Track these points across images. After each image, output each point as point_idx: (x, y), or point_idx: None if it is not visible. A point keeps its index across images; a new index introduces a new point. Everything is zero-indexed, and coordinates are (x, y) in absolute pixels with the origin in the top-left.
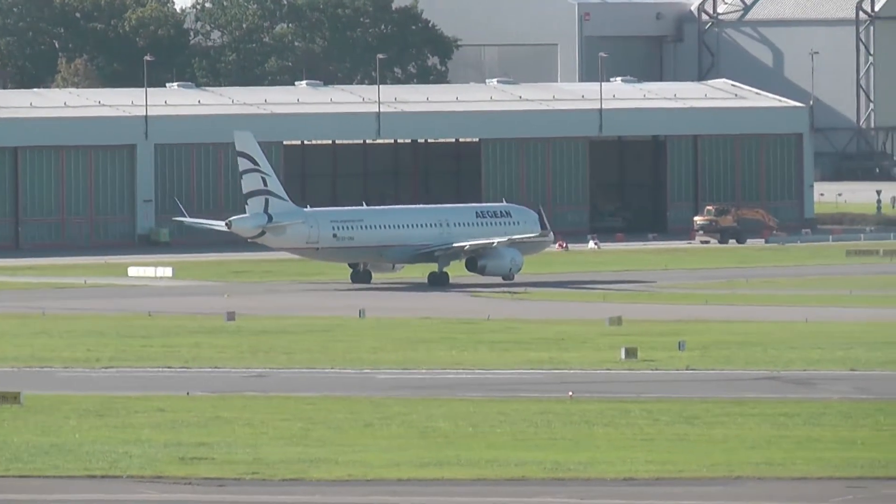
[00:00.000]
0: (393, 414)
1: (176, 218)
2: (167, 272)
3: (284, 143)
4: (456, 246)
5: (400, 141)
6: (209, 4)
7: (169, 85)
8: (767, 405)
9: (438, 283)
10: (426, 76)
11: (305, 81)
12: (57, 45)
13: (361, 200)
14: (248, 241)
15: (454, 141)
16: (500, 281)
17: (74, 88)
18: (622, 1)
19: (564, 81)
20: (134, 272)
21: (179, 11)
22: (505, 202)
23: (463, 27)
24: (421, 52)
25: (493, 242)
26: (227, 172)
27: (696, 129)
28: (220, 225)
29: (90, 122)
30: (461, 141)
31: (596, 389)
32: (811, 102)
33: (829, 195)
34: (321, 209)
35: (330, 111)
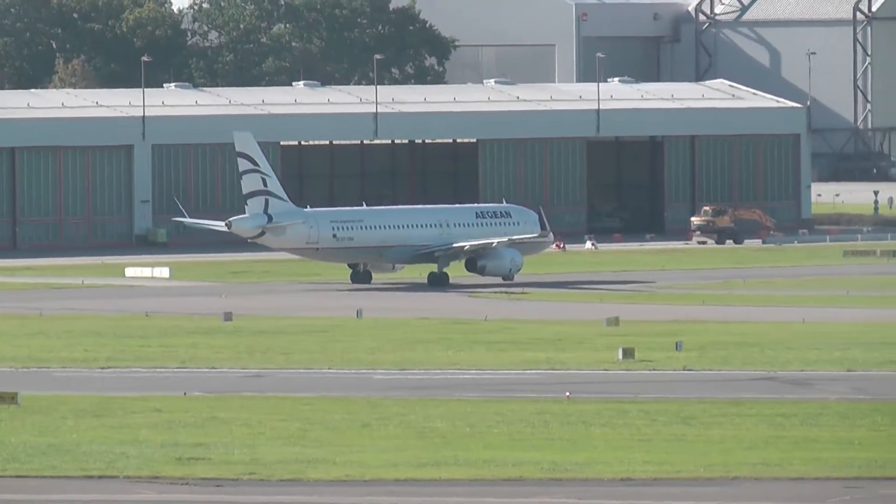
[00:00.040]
0: (390, 414)
1: (176, 218)
2: (164, 272)
3: (282, 143)
4: (456, 246)
5: (397, 141)
6: (206, 5)
7: (166, 85)
8: (765, 405)
9: (438, 283)
10: (423, 77)
11: (303, 82)
12: (54, 45)
13: (360, 201)
14: (248, 241)
15: (451, 141)
16: (499, 281)
17: (72, 89)
18: (619, 1)
19: (562, 82)
20: (131, 272)
21: (177, 12)
22: (505, 202)
23: (460, 28)
24: (418, 52)
25: (492, 243)
26: (224, 173)
27: (693, 129)
28: (220, 225)
29: (87, 122)
30: (459, 141)
31: (593, 390)
32: (808, 103)
33: (826, 196)
34: (321, 209)
35: (327, 111)
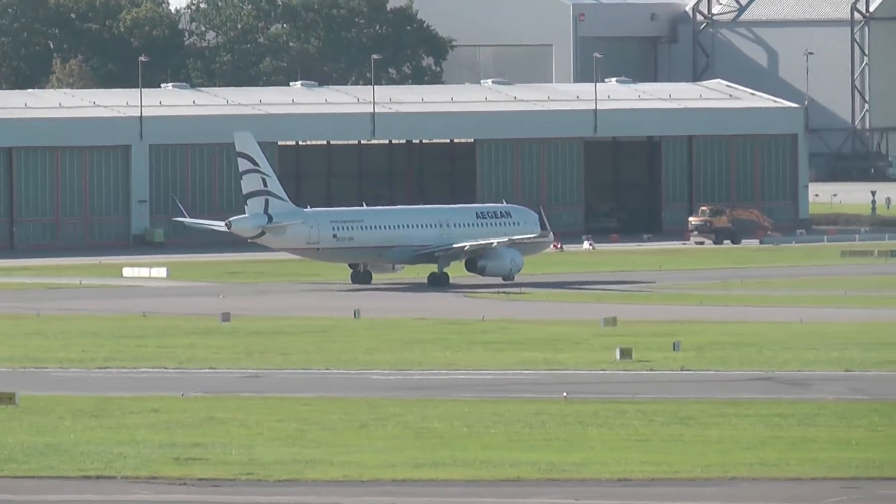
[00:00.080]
0: (388, 415)
1: (176, 218)
2: (162, 273)
3: (279, 143)
4: (456, 247)
5: (395, 141)
6: (204, 5)
7: (164, 85)
8: (762, 406)
9: (438, 283)
10: (421, 77)
11: (300, 82)
12: (52, 45)
13: (358, 201)
14: (248, 241)
15: (449, 141)
16: (498, 281)
17: (69, 89)
18: (617, 1)
19: (559, 82)
20: (128, 273)
21: (174, 12)
22: (505, 203)
23: (458, 28)
24: (416, 52)
25: (493, 243)
26: (221, 173)
27: (690, 129)
28: (220, 225)
29: (85, 122)
30: (456, 141)
31: (591, 390)
32: (806, 103)
33: (823, 196)
34: (321, 209)
35: (325, 112)
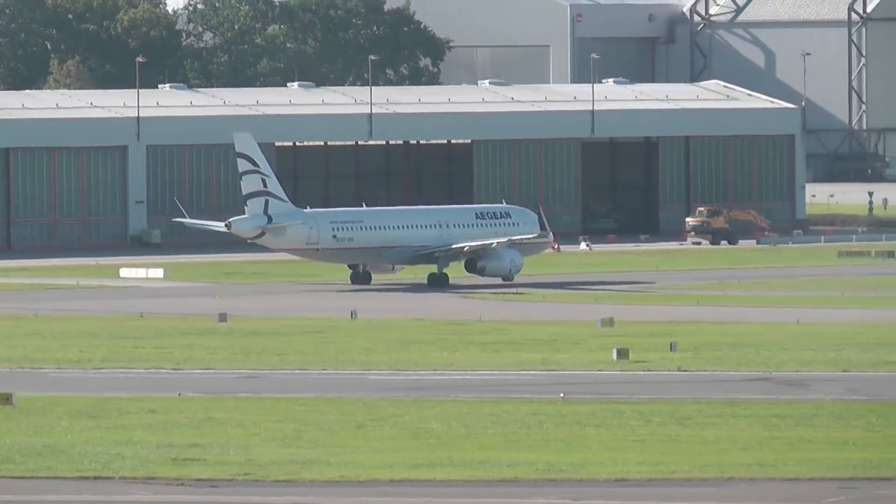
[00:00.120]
0: (385, 415)
1: (176, 219)
2: (159, 273)
3: (276, 144)
4: (455, 247)
5: (392, 142)
6: (201, 6)
7: (161, 86)
8: (759, 406)
9: (438, 284)
10: (418, 77)
11: (297, 83)
12: (49, 46)
13: (355, 202)
14: (247, 241)
15: (446, 142)
16: (497, 282)
17: (66, 90)
18: (614, 2)
19: (556, 83)
20: (126, 273)
21: (171, 13)
22: (504, 203)
23: (455, 28)
24: (413, 53)
25: (492, 243)
26: (219, 173)
27: (688, 130)
28: (220, 226)
29: (82, 123)
30: (453, 142)
31: (588, 390)
32: (803, 104)
33: (820, 196)
34: (321, 210)
35: (322, 112)
